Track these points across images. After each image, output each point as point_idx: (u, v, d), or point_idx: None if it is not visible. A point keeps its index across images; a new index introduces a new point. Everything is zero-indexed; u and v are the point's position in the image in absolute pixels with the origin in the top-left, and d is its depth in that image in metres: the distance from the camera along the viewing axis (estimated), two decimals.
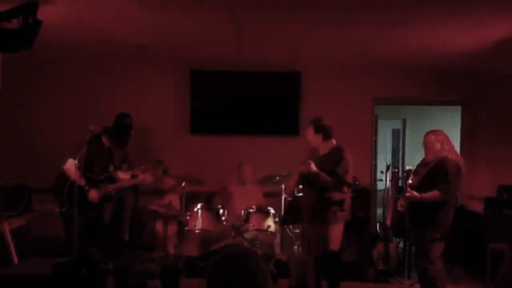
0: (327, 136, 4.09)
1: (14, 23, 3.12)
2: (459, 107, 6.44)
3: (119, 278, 2.15)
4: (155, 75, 5.94)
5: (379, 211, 6.77)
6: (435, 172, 3.95)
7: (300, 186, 4.43)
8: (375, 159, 6.62)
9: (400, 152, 8.37)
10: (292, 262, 2.30)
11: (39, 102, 5.88)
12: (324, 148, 4.13)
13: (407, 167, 4.13)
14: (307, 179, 4.00)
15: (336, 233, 3.97)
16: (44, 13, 3.16)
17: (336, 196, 3.96)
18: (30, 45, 3.10)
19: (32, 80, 5.87)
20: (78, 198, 4.07)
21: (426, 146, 4.12)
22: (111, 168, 4.54)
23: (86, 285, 2.10)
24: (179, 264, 2.42)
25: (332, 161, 3.97)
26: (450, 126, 5.86)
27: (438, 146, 4.01)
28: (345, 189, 3.96)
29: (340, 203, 3.98)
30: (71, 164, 4.30)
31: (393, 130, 8.62)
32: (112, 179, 4.48)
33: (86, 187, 4.32)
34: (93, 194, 4.38)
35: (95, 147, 4.50)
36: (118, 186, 4.53)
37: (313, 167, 3.85)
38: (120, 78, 5.90)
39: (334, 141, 4.14)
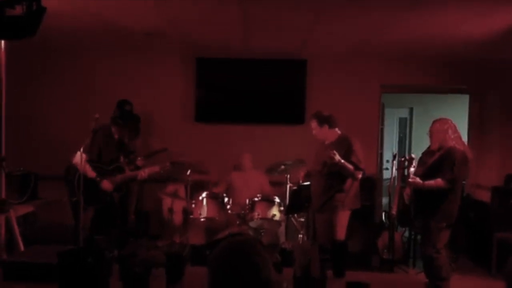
0: (331, 125, 4.17)
1: (18, 10, 3.09)
2: (467, 96, 6.38)
3: (124, 265, 2.15)
4: (160, 63, 5.91)
5: (385, 200, 6.76)
6: (441, 162, 3.94)
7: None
8: (381, 148, 6.58)
9: (407, 141, 8.32)
10: (297, 251, 2.29)
11: (44, 91, 5.89)
12: (329, 138, 4.19)
13: (411, 154, 4.12)
14: (328, 168, 4.01)
15: (342, 221, 4.07)
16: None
17: (348, 183, 4.04)
18: (34, 33, 3.06)
19: (37, 69, 5.88)
20: (89, 189, 4.08)
21: (432, 134, 4.10)
22: (121, 158, 4.52)
23: (91, 273, 2.10)
24: (184, 252, 2.41)
25: (340, 150, 3.97)
26: (458, 115, 5.80)
27: (443, 134, 3.99)
28: (359, 176, 4.01)
29: (346, 190, 4.06)
30: (79, 158, 4.30)
31: (400, 119, 8.54)
32: (122, 170, 4.45)
33: (98, 179, 4.30)
34: (107, 185, 4.35)
35: (102, 136, 4.47)
36: (126, 177, 4.49)
37: (337, 157, 3.85)
38: (125, 66, 5.88)
39: (338, 130, 4.21)
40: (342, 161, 3.87)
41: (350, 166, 3.92)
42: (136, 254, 2.13)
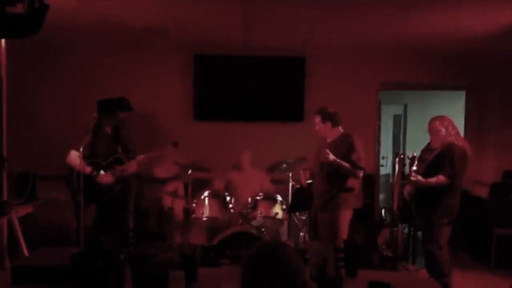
0: (335, 123, 4.11)
1: (19, 8, 3.02)
2: (461, 92, 6.42)
3: (138, 268, 2.12)
4: (159, 61, 5.86)
5: (381, 197, 6.80)
6: (441, 158, 3.96)
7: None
8: (378, 145, 6.61)
9: (401, 138, 8.34)
10: (311, 251, 2.29)
11: (43, 88, 5.80)
12: (331, 136, 4.14)
13: (413, 153, 4.12)
14: (326, 168, 3.98)
15: (345, 220, 4.03)
16: None
17: (350, 182, 3.99)
18: (37, 31, 2.99)
19: (35, 67, 5.77)
20: (90, 187, 4.03)
21: (431, 132, 4.12)
22: (119, 150, 4.44)
23: (106, 276, 2.07)
24: (196, 253, 2.38)
25: (341, 148, 3.96)
26: (452, 111, 5.82)
27: (443, 131, 4.02)
28: (360, 174, 3.97)
29: (350, 189, 4.02)
30: (73, 156, 4.25)
31: (394, 116, 8.55)
32: (121, 161, 4.37)
33: (94, 173, 4.21)
34: (104, 178, 4.25)
35: (93, 132, 4.39)
36: (126, 168, 4.39)
37: (331, 156, 3.84)
38: (125, 64, 5.81)
39: (340, 128, 4.16)
40: (338, 160, 3.85)
41: (346, 165, 3.89)
42: (152, 256, 2.10)
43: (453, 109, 6.28)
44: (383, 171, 7.84)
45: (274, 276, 1.36)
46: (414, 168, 4.00)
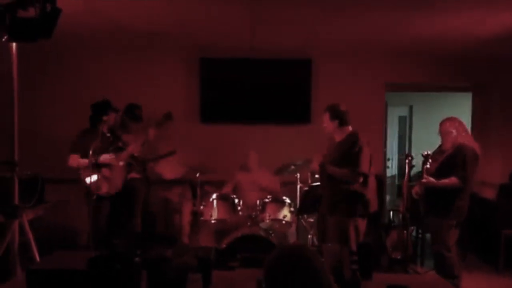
0: (343, 122, 3.93)
1: (31, 12, 3.03)
2: (466, 94, 6.42)
3: (156, 271, 2.11)
4: (164, 63, 5.86)
5: (387, 198, 6.79)
6: (452, 159, 3.96)
7: (316, 176, 4.42)
8: (385, 146, 6.61)
9: (407, 139, 8.34)
10: (326, 253, 2.28)
11: (50, 90, 5.81)
12: (339, 135, 3.98)
13: (427, 151, 4.10)
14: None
15: (358, 225, 3.85)
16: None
17: (355, 187, 3.79)
18: (49, 35, 3.01)
19: (45, 69, 5.78)
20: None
21: (442, 133, 4.11)
22: (120, 144, 4.45)
23: (123, 280, 2.06)
24: (211, 255, 2.39)
25: (345, 149, 3.89)
26: (457, 113, 5.82)
27: (454, 133, 4.02)
28: (361, 179, 3.75)
29: (360, 197, 3.81)
30: (74, 159, 4.27)
31: (399, 117, 8.55)
32: (123, 149, 4.39)
33: (94, 159, 4.16)
34: (105, 157, 4.25)
35: (93, 136, 4.38)
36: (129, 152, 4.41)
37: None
38: (130, 67, 5.81)
39: (350, 128, 3.99)
40: (330, 168, 3.84)
41: (337, 171, 3.81)
42: (169, 259, 2.10)
43: (458, 111, 6.26)
44: (388, 172, 7.84)
45: (301, 278, 1.36)
46: (428, 166, 3.98)
